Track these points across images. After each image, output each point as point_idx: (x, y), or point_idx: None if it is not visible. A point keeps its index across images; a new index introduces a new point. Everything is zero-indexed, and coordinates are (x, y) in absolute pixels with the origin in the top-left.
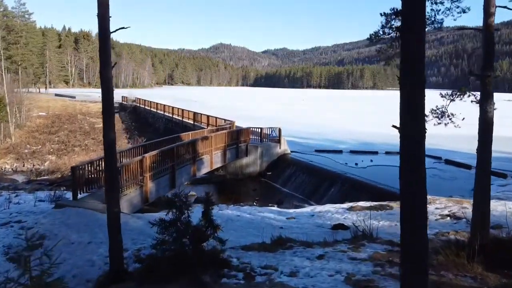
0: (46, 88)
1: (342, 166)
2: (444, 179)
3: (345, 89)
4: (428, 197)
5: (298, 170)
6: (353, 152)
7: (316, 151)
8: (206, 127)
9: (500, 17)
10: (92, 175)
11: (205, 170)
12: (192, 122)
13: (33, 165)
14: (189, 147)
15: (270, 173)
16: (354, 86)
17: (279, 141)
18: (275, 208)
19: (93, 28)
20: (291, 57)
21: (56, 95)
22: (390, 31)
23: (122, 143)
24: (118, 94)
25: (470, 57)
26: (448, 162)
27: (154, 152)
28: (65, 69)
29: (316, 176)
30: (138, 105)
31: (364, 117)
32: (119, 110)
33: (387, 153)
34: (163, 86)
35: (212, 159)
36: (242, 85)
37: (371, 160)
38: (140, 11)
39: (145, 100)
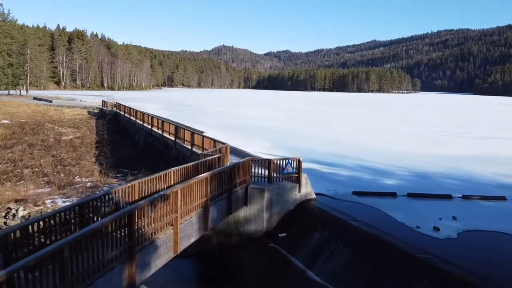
0: (26, 90)
1: (411, 231)
2: None
3: (350, 92)
4: None
5: (335, 237)
6: (412, 195)
7: (356, 193)
8: (190, 147)
9: (507, 19)
10: None
11: (160, 262)
12: (173, 139)
13: None
14: (117, 228)
15: (284, 234)
16: (359, 89)
17: (298, 180)
18: None
19: (88, 27)
20: (293, 59)
21: (35, 98)
22: None
23: (87, 163)
24: (111, 97)
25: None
26: None
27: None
28: (57, 69)
29: (372, 256)
30: (119, 111)
31: (392, 129)
32: (97, 117)
33: (464, 197)
34: (162, 88)
35: (177, 234)
36: (244, 87)
37: (454, 218)
38: (141, 12)
39: (125, 106)
